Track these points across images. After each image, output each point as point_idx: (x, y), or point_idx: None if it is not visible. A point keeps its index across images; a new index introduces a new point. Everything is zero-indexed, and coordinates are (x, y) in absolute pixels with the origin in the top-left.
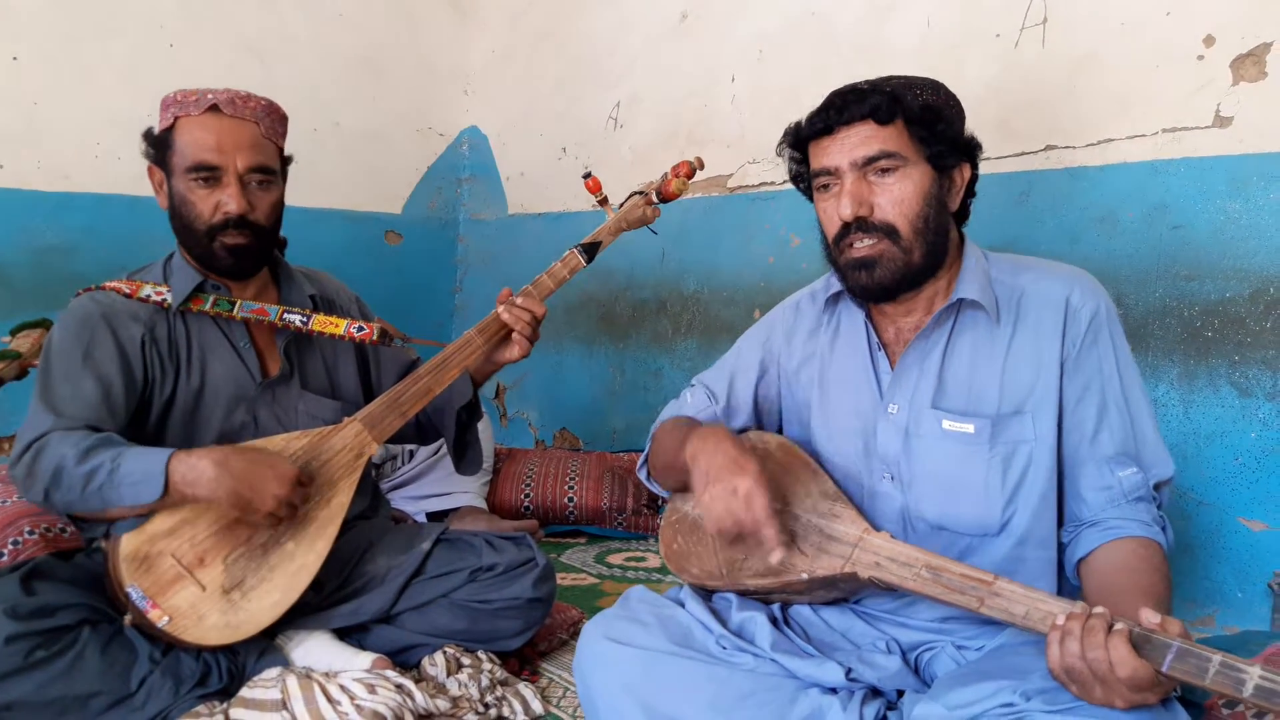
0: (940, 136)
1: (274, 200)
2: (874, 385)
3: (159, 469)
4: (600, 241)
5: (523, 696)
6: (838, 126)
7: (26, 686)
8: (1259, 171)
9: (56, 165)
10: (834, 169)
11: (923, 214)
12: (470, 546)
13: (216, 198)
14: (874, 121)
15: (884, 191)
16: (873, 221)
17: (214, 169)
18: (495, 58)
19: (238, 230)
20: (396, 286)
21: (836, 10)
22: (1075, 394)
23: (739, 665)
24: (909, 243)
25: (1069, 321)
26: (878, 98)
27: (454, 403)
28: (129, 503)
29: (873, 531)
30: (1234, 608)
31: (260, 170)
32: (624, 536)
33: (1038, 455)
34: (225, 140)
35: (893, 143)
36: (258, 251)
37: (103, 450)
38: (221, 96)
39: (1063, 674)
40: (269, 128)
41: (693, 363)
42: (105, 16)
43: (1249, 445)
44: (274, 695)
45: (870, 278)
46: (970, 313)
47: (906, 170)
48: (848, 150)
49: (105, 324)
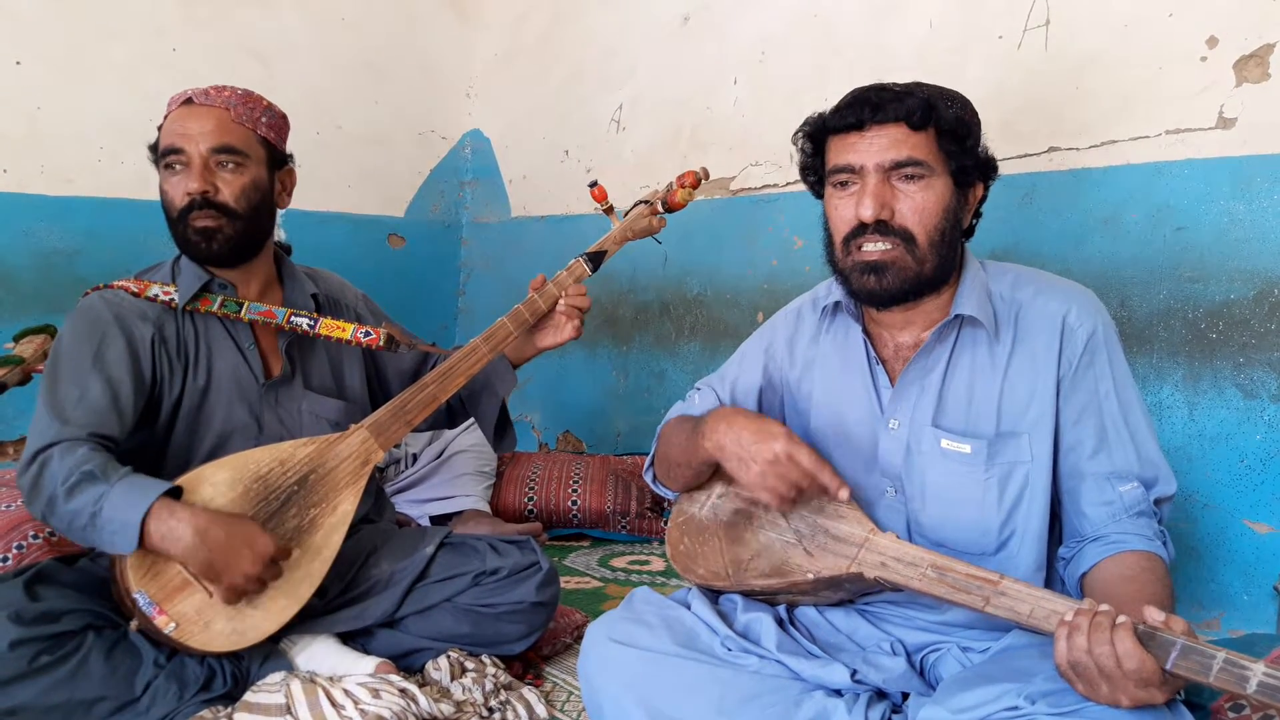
0: (968, 152)
1: (245, 183)
2: (874, 400)
3: (134, 525)
4: (605, 250)
5: (527, 700)
6: (870, 124)
7: (31, 692)
8: (1263, 172)
9: (59, 169)
10: (858, 167)
11: (940, 227)
12: (474, 550)
13: (184, 183)
14: (907, 125)
15: (906, 198)
16: (892, 225)
17: (178, 151)
18: (497, 61)
19: (202, 211)
20: (400, 290)
21: (838, 12)
22: (1072, 415)
23: (744, 667)
24: (923, 253)
25: (1065, 341)
26: (914, 101)
27: (498, 390)
28: (109, 549)
29: (878, 532)
30: (1240, 611)
31: (224, 150)
32: (628, 540)
33: (1034, 477)
34: (191, 125)
35: (922, 150)
36: (233, 235)
37: (87, 488)
38: (197, 91)
39: (1069, 670)
40: (240, 113)
41: (696, 365)
42: (107, 21)
43: (1254, 447)
44: (278, 700)
45: (879, 283)
46: (970, 329)
47: (931, 180)
48: (877, 151)
49: (116, 324)
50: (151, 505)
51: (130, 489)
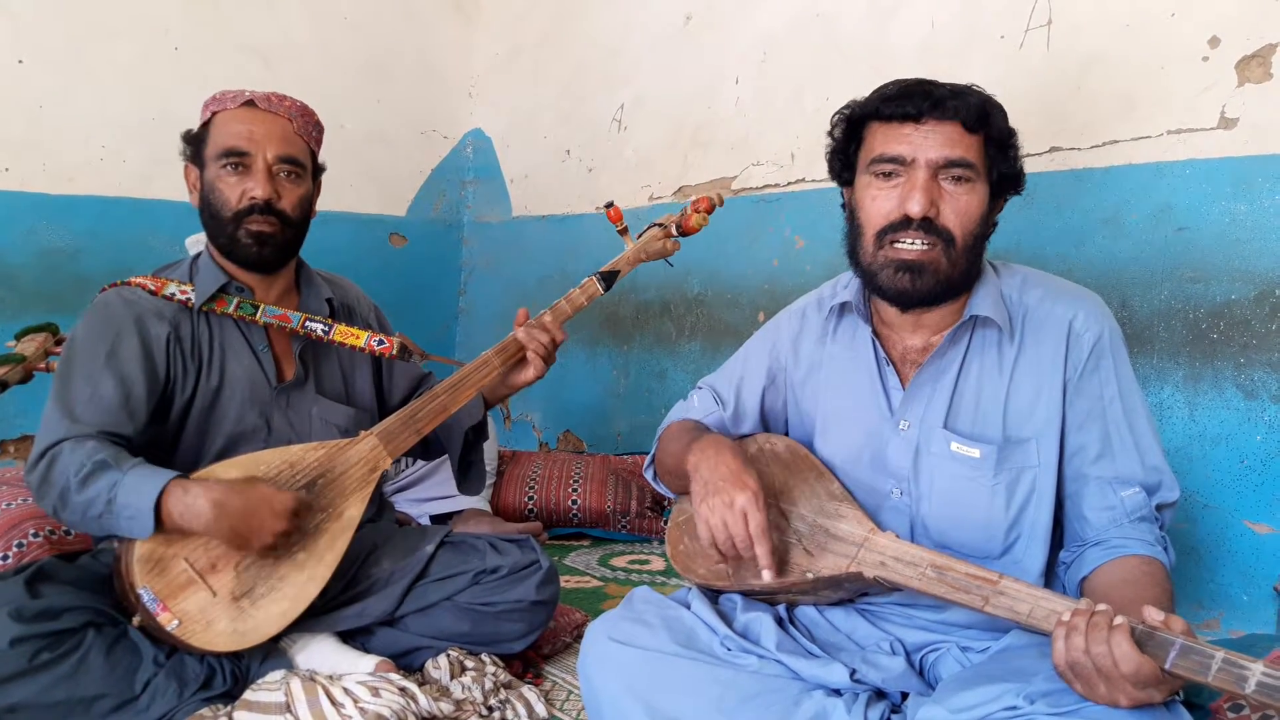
0: (1010, 162)
1: (302, 194)
2: (883, 401)
3: (149, 507)
4: (619, 270)
5: (526, 699)
6: (928, 118)
7: (31, 689)
8: (1264, 173)
9: (61, 168)
10: (909, 160)
11: (976, 232)
12: (474, 549)
13: (244, 184)
14: (963, 126)
15: (952, 199)
16: (936, 224)
17: (243, 154)
18: (499, 60)
19: (263, 216)
20: (401, 289)
21: (840, 12)
22: (1077, 420)
23: (743, 666)
24: (958, 256)
25: (1071, 345)
26: (973, 102)
27: (463, 421)
28: (126, 535)
29: (878, 531)
30: (1239, 611)
31: (289, 161)
32: (628, 539)
33: (1041, 481)
34: (257, 130)
35: (973, 153)
36: (283, 243)
37: (101, 476)
38: (259, 94)
39: (1067, 670)
40: (301, 126)
41: (697, 365)
42: (110, 20)
43: (1254, 448)
44: (278, 698)
45: (912, 283)
46: (983, 331)
47: (975, 185)
48: (931, 146)
49: (132, 322)
50: (166, 485)
51: (143, 474)
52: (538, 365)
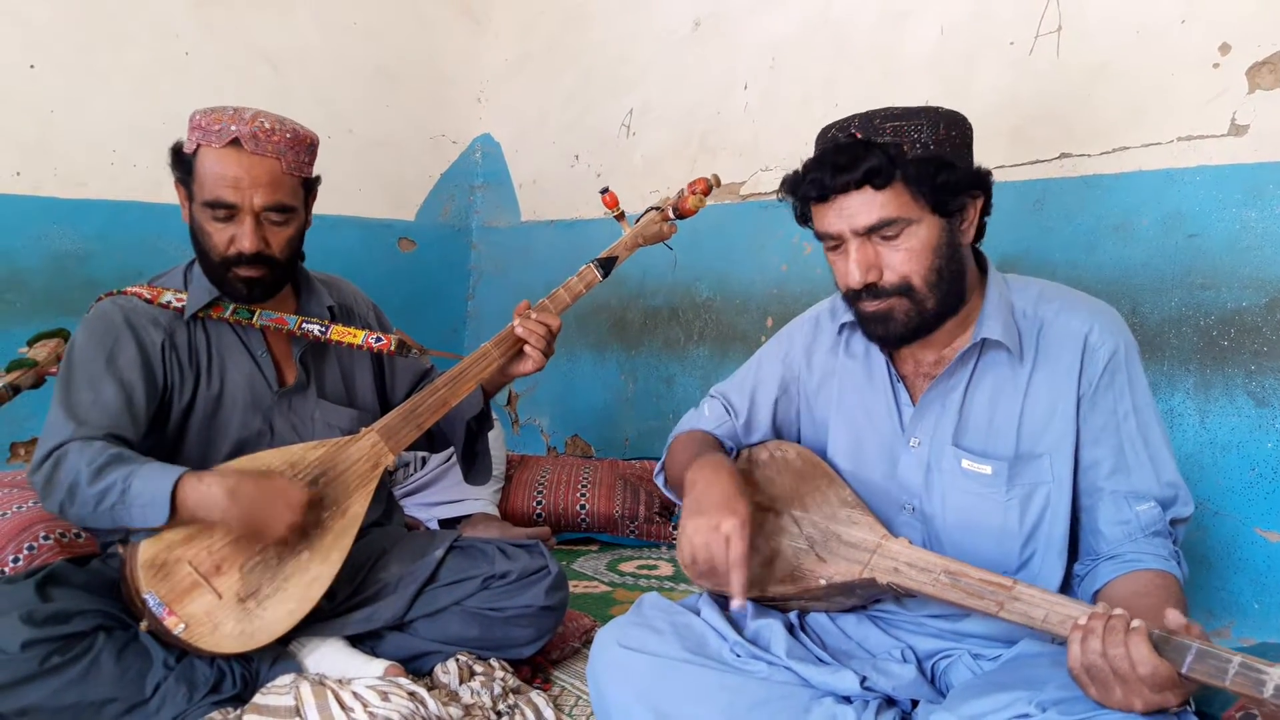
0: (943, 187)
1: (291, 234)
2: (895, 416)
3: (165, 493)
4: (616, 256)
5: (535, 705)
6: (834, 195)
7: (42, 692)
8: (1275, 179)
9: (72, 172)
10: (836, 234)
11: (934, 266)
12: (483, 554)
13: (231, 232)
14: (871, 187)
15: (892, 253)
16: (883, 286)
17: (230, 206)
18: (508, 66)
19: (251, 265)
20: (410, 294)
21: (849, 18)
22: (1092, 434)
23: (753, 673)
24: (923, 295)
25: (1086, 360)
26: (873, 160)
27: (465, 413)
28: (139, 524)
29: (891, 537)
30: (1251, 619)
31: (277, 209)
32: (636, 544)
33: (1056, 496)
34: (243, 177)
35: (892, 207)
36: (273, 281)
37: (115, 469)
38: (245, 130)
39: (1083, 673)
40: (291, 163)
41: (705, 370)
42: (121, 25)
43: (1266, 455)
44: (287, 702)
45: (885, 330)
46: (993, 351)
47: (912, 229)
48: (847, 218)
49: (128, 329)
50: (181, 474)
51: (158, 466)
52: (536, 357)
